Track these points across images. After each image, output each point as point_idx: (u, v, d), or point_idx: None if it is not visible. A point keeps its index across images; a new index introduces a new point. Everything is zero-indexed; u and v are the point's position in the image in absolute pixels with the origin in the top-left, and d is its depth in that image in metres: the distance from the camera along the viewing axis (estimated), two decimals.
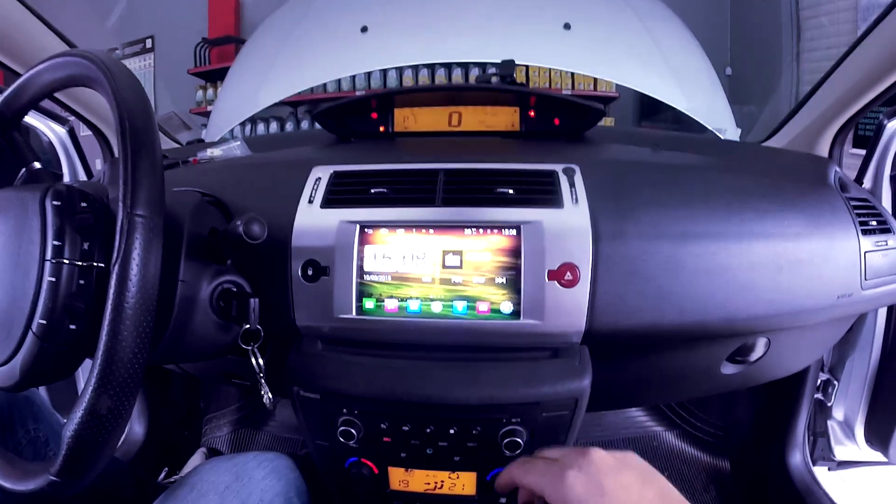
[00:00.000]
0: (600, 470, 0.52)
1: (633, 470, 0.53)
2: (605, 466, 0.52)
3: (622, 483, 0.51)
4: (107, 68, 0.55)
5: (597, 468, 0.52)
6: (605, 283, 0.70)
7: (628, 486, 0.51)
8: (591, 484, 0.51)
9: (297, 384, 0.73)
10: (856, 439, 1.19)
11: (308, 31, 1.64)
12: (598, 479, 0.51)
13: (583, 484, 0.51)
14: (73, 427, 0.49)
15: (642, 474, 0.52)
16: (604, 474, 0.51)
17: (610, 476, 0.51)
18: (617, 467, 0.52)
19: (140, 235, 0.50)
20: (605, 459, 0.53)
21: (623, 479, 0.51)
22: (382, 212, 0.74)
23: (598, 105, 0.99)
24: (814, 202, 0.80)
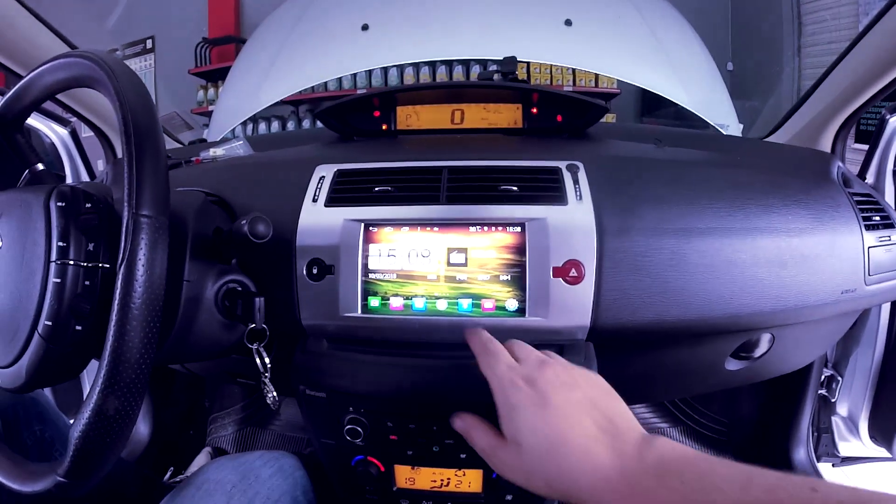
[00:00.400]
0: (550, 384, 0.53)
1: (584, 390, 0.54)
2: (557, 381, 0.54)
3: (569, 400, 0.52)
4: (109, 69, 0.55)
5: (547, 382, 0.53)
6: (610, 280, 0.70)
7: (575, 404, 0.52)
8: (537, 396, 0.52)
9: (304, 383, 0.73)
10: (860, 435, 1.19)
11: (309, 29, 1.64)
12: (545, 393, 0.52)
13: (529, 396, 0.53)
14: (80, 428, 0.49)
15: (593, 398, 0.53)
16: (552, 389, 0.53)
17: (559, 392, 0.52)
18: (569, 385, 0.54)
19: (146, 236, 0.50)
20: (560, 375, 0.54)
21: (571, 397, 0.52)
22: (387, 210, 0.74)
23: (600, 101, 0.98)
24: (817, 198, 0.80)
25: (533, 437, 0.51)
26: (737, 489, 0.40)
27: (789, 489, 0.38)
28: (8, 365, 0.57)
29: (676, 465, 0.45)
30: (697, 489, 0.42)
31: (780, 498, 0.38)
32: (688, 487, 0.42)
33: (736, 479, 0.41)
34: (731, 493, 0.40)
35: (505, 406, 0.54)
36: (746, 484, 0.40)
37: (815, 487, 0.37)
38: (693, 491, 0.42)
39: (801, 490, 0.38)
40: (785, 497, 0.38)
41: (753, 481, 0.40)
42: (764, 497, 0.38)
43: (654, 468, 0.45)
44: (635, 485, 0.45)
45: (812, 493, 0.37)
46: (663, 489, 0.43)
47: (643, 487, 0.45)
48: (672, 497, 0.43)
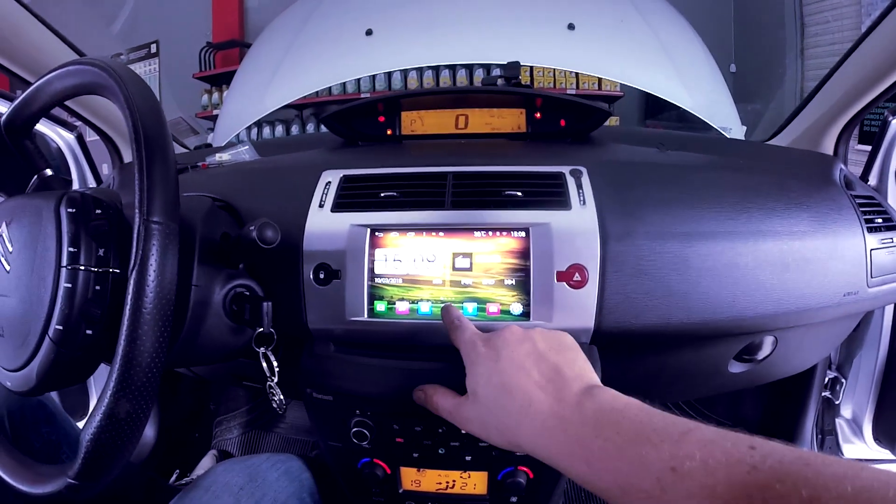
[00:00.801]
0: (505, 340, 0.57)
1: (537, 343, 0.56)
2: (511, 338, 0.57)
3: (519, 352, 0.55)
4: (118, 76, 0.56)
5: (502, 339, 0.57)
6: (614, 284, 0.71)
7: (525, 356, 0.55)
8: (492, 352, 0.56)
9: (310, 386, 0.74)
10: (864, 437, 1.18)
11: (313, 34, 1.64)
12: (499, 349, 0.56)
13: (485, 352, 0.57)
14: (91, 431, 0.49)
15: (545, 350, 0.56)
16: (506, 344, 0.56)
17: (511, 346, 0.56)
18: (522, 340, 0.57)
19: (157, 242, 0.51)
20: (515, 333, 0.58)
21: (522, 349, 0.55)
22: (392, 215, 0.74)
23: (603, 106, 0.99)
24: (819, 200, 0.80)
25: (486, 387, 0.55)
26: (671, 441, 0.40)
27: (726, 445, 0.38)
28: (18, 368, 0.58)
29: (614, 416, 0.45)
30: (631, 440, 0.42)
31: (715, 453, 0.37)
32: (622, 438, 0.43)
33: (672, 431, 0.41)
34: (664, 445, 0.40)
35: (467, 364, 0.59)
36: (681, 437, 0.40)
37: (754, 445, 0.37)
38: (627, 442, 0.42)
39: (738, 446, 0.37)
40: (719, 453, 0.37)
41: (690, 435, 0.40)
42: (698, 451, 0.38)
43: (592, 418, 0.46)
44: (572, 433, 0.47)
45: (750, 450, 0.36)
46: (599, 439, 0.44)
47: (580, 436, 0.46)
48: (606, 447, 0.43)
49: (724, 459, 0.36)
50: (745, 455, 0.36)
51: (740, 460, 0.36)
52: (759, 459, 0.35)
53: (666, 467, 0.38)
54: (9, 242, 0.62)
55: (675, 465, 0.38)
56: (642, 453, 0.40)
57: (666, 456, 0.39)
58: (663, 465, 0.39)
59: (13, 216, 0.63)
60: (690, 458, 0.38)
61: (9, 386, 0.60)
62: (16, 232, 0.62)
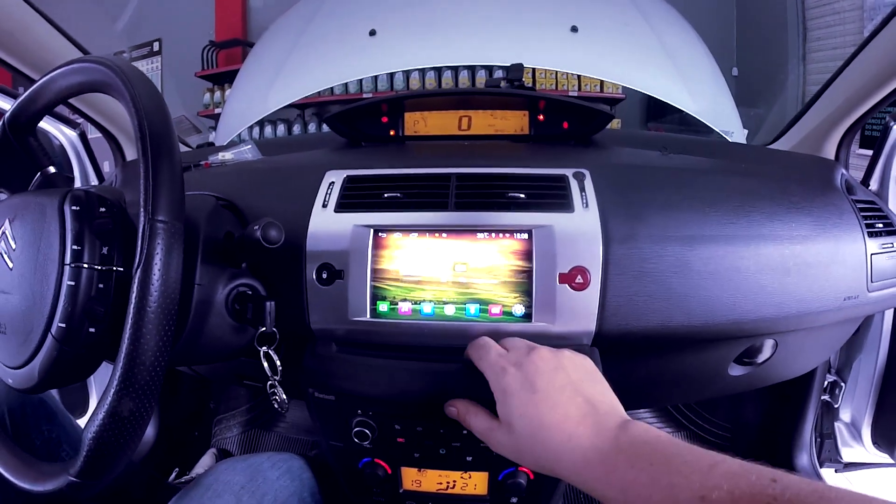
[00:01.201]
0: (538, 369, 0.58)
1: (569, 374, 0.58)
2: (543, 366, 0.58)
3: (554, 385, 0.56)
4: (124, 75, 0.56)
5: (535, 367, 0.58)
6: (615, 286, 0.71)
7: (559, 389, 0.56)
8: (526, 382, 0.57)
9: (313, 386, 0.74)
10: (863, 441, 1.19)
11: (316, 34, 1.64)
12: (533, 379, 0.57)
13: (518, 381, 0.57)
14: (94, 429, 0.49)
15: (577, 381, 0.57)
16: (539, 374, 0.57)
17: (545, 376, 0.57)
18: (554, 368, 0.58)
19: (162, 241, 0.51)
20: (546, 360, 0.59)
21: (556, 382, 0.57)
22: (396, 216, 0.74)
23: (606, 109, 0.99)
24: (820, 205, 0.80)
25: (522, 420, 0.56)
26: (699, 473, 0.43)
27: (750, 477, 0.41)
28: (21, 366, 0.58)
29: (647, 448, 0.48)
30: (663, 472, 0.45)
31: (740, 484, 0.40)
32: (655, 469, 0.46)
33: (700, 464, 0.44)
34: (694, 476, 0.43)
35: (498, 391, 0.59)
36: (710, 469, 0.43)
37: (776, 478, 0.40)
38: (660, 473, 0.45)
39: (761, 479, 0.40)
40: (744, 484, 0.40)
41: (717, 467, 0.43)
42: (724, 482, 0.41)
43: (627, 451, 0.49)
44: (610, 466, 0.49)
45: (772, 482, 0.39)
46: (634, 469, 0.47)
47: (617, 468, 0.48)
48: (640, 477, 0.46)
49: (749, 491, 0.39)
50: (766, 487, 0.39)
51: (762, 492, 0.39)
52: (780, 492, 0.38)
53: (695, 497, 0.42)
54: (12, 240, 0.62)
55: (703, 495, 0.41)
56: (673, 483, 0.44)
57: (696, 486, 0.42)
58: (692, 495, 0.42)
59: (17, 213, 0.63)
60: (718, 488, 0.41)
61: (10, 383, 0.60)
62: (19, 229, 0.62)
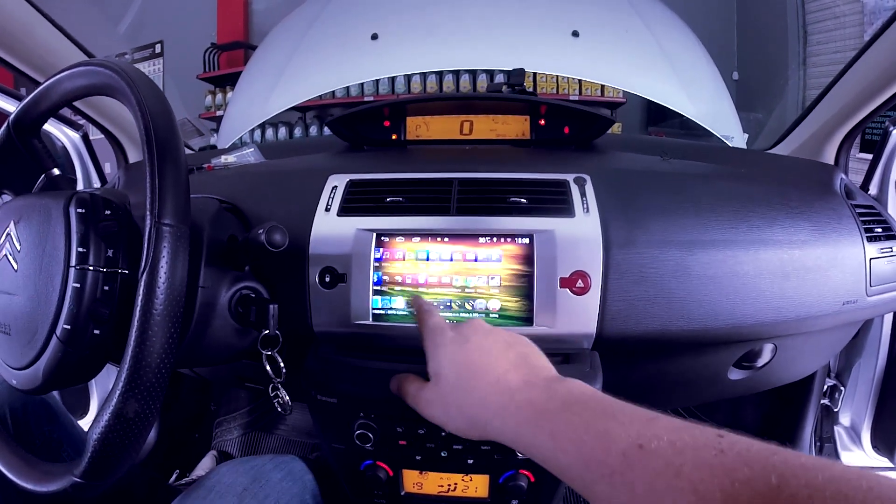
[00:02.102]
0: (473, 328, 0.58)
1: (504, 336, 0.57)
2: (479, 326, 0.58)
3: (487, 339, 0.56)
4: (130, 79, 0.56)
5: (471, 326, 0.58)
6: (616, 290, 0.72)
7: (492, 343, 0.56)
8: (459, 336, 0.57)
9: (315, 388, 0.74)
10: (862, 445, 1.19)
11: (319, 38, 1.65)
12: (466, 333, 0.57)
13: (450, 336, 0.58)
14: (99, 430, 0.50)
15: (512, 342, 0.57)
16: (474, 331, 0.57)
17: (479, 334, 0.57)
18: (487, 331, 0.58)
19: (168, 244, 0.51)
20: (483, 325, 0.59)
21: (490, 338, 0.57)
22: (398, 220, 0.75)
23: (607, 114, 0.99)
24: (820, 210, 0.81)
25: (451, 367, 0.56)
26: (639, 423, 0.40)
27: (694, 431, 0.38)
28: (25, 367, 0.58)
29: (583, 398, 0.46)
30: (599, 416, 0.43)
31: (683, 436, 0.37)
32: (590, 413, 0.43)
33: (640, 414, 0.42)
34: (633, 425, 0.40)
35: (430, 348, 0.59)
36: (650, 420, 0.40)
37: (721, 434, 0.37)
38: (594, 417, 0.43)
39: (705, 433, 0.37)
40: (687, 436, 0.37)
41: (658, 419, 0.40)
42: (665, 433, 0.38)
43: (561, 397, 0.47)
44: (539, 408, 0.47)
45: (717, 437, 0.36)
46: (566, 412, 0.45)
47: (547, 410, 0.46)
48: (573, 420, 0.44)
49: (692, 442, 0.36)
50: (712, 440, 0.36)
51: (707, 444, 0.36)
52: (727, 445, 0.35)
53: (633, 444, 0.38)
54: (17, 241, 0.62)
55: (642, 443, 0.38)
56: (609, 428, 0.41)
57: (633, 434, 0.39)
58: (630, 442, 0.39)
59: (21, 215, 0.63)
60: (658, 438, 0.38)
61: (14, 384, 0.60)
62: (24, 231, 0.62)
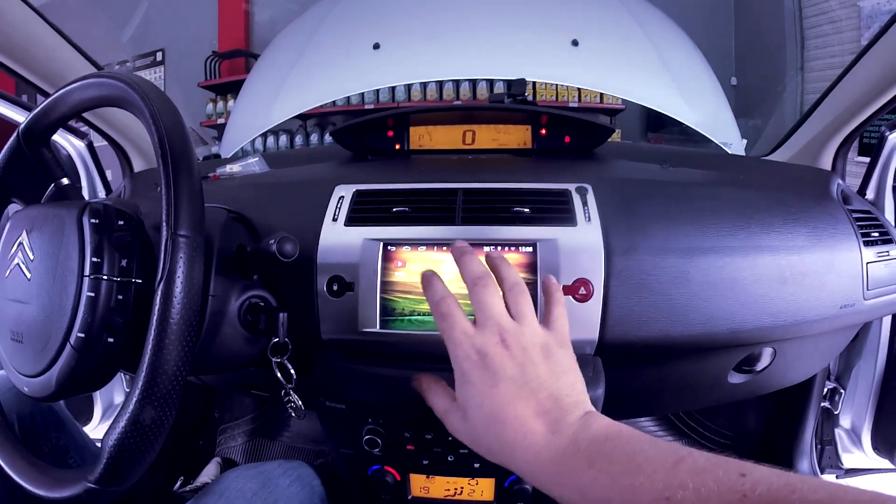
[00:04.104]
0: (503, 363, 0.54)
1: (538, 369, 0.54)
2: (509, 362, 0.54)
3: (517, 381, 0.53)
4: (143, 92, 0.57)
5: (500, 360, 0.54)
6: (617, 297, 0.73)
7: (522, 386, 0.52)
8: (487, 372, 0.54)
9: (324, 395, 0.75)
10: (863, 447, 1.19)
11: (320, 47, 1.65)
12: (496, 371, 0.53)
13: (479, 369, 0.54)
14: (115, 436, 0.50)
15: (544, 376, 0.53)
16: (503, 368, 0.53)
17: (508, 371, 0.53)
18: (521, 364, 0.54)
19: (184, 255, 0.52)
20: (514, 353, 0.54)
21: (520, 378, 0.53)
22: (404, 230, 0.76)
23: (606, 122, 1.01)
24: (817, 215, 0.82)
25: (478, 409, 0.53)
26: (663, 471, 0.40)
27: (717, 473, 0.38)
28: (38, 374, 0.58)
29: (608, 446, 0.45)
30: (624, 471, 0.42)
31: (707, 482, 0.38)
32: (615, 469, 0.43)
33: (664, 460, 0.41)
34: (657, 474, 0.40)
35: (458, 372, 0.56)
36: (674, 466, 0.40)
37: (744, 472, 0.37)
38: (620, 473, 0.42)
39: (729, 474, 0.37)
40: (711, 481, 0.37)
41: (682, 463, 0.40)
42: (690, 480, 0.38)
43: (586, 450, 0.46)
44: (565, 466, 0.47)
45: (740, 477, 0.37)
46: (591, 470, 0.44)
47: (572, 469, 0.46)
48: (599, 478, 0.43)
49: (716, 488, 0.37)
50: (735, 483, 0.37)
51: (731, 489, 0.37)
52: (750, 487, 0.36)
53: (660, 497, 0.39)
54: (30, 251, 0.63)
55: (668, 496, 0.39)
56: (635, 484, 0.41)
57: (659, 486, 0.40)
58: (657, 496, 0.39)
59: (34, 225, 0.64)
60: (683, 487, 0.38)
61: (27, 391, 0.61)
62: (37, 240, 0.62)
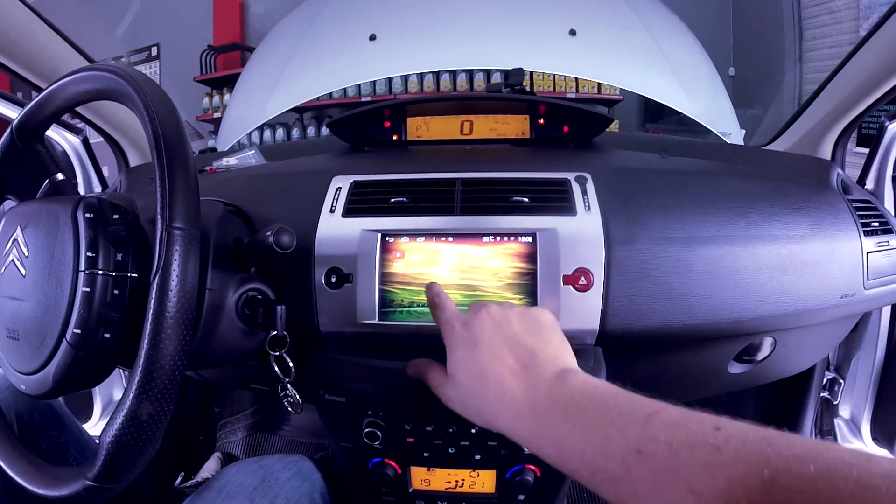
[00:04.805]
0: (483, 324, 0.57)
1: (514, 327, 0.57)
2: (489, 321, 0.58)
3: (495, 338, 0.56)
4: (137, 84, 0.56)
5: (480, 322, 0.58)
6: (618, 287, 0.72)
7: (500, 342, 0.56)
8: (470, 336, 0.57)
9: (323, 388, 0.74)
10: (862, 437, 1.19)
11: (317, 39, 1.65)
12: (476, 333, 0.57)
13: (463, 336, 0.58)
14: (113, 433, 0.50)
15: (521, 333, 0.56)
16: (483, 328, 0.57)
17: (488, 331, 0.57)
18: (499, 323, 0.57)
19: (179, 247, 0.51)
20: (493, 315, 0.58)
21: (498, 335, 0.56)
22: (402, 220, 0.75)
23: (604, 112, 1.00)
24: (817, 205, 0.82)
25: (463, 372, 0.57)
26: (636, 424, 0.41)
27: (690, 426, 0.38)
28: (34, 371, 0.58)
29: (583, 401, 0.46)
30: (597, 424, 0.43)
31: (679, 434, 0.38)
32: (589, 422, 0.44)
33: (638, 414, 0.42)
34: (630, 428, 0.41)
35: (447, 347, 0.60)
36: (647, 419, 0.41)
37: (719, 426, 0.37)
38: (593, 426, 0.43)
39: (703, 427, 0.38)
40: (683, 434, 0.38)
41: (655, 417, 0.41)
42: (662, 434, 0.39)
43: (561, 403, 0.47)
44: (543, 420, 0.48)
45: (714, 430, 0.37)
46: (567, 423, 0.45)
47: (549, 422, 0.47)
48: (574, 431, 0.45)
49: (688, 440, 0.37)
50: (708, 436, 0.37)
51: (703, 441, 0.36)
52: (723, 440, 0.36)
53: (631, 450, 0.40)
54: (24, 247, 0.62)
55: (640, 448, 0.39)
56: (608, 436, 0.42)
57: (631, 439, 0.40)
58: (629, 448, 0.40)
59: (28, 220, 0.63)
60: (655, 440, 0.39)
61: (24, 389, 0.60)
62: (31, 236, 0.62)
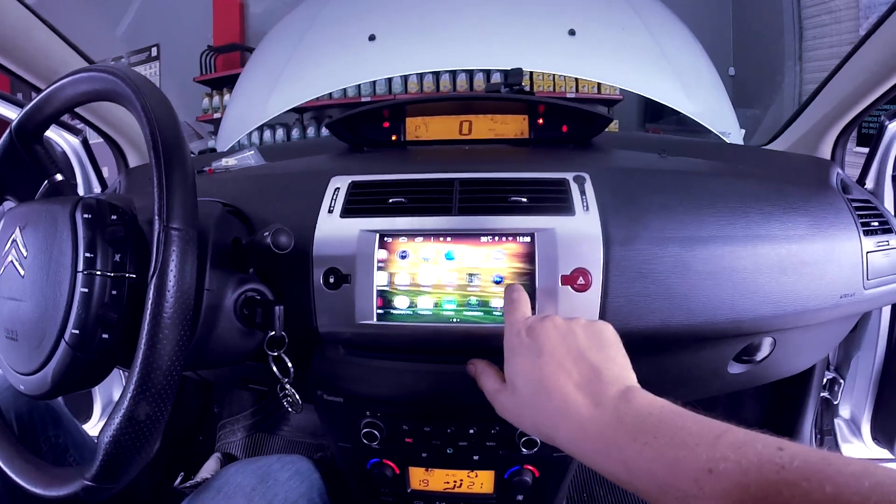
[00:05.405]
0: (548, 333, 0.57)
1: (579, 340, 0.57)
2: (554, 332, 0.57)
3: (559, 350, 0.56)
4: (135, 85, 0.56)
5: (545, 331, 0.58)
6: (616, 287, 0.72)
7: (565, 354, 0.55)
8: (534, 344, 0.57)
9: (321, 388, 0.74)
10: (862, 437, 1.19)
11: (316, 40, 1.65)
12: (541, 341, 0.57)
13: (526, 343, 0.58)
14: (111, 433, 0.50)
15: (585, 347, 0.56)
16: (547, 338, 0.57)
17: (552, 341, 0.57)
18: (562, 335, 0.57)
19: (176, 248, 0.51)
20: (558, 326, 0.58)
21: (563, 346, 0.56)
22: (401, 221, 0.75)
23: (603, 112, 1.00)
24: (817, 204, 0.81)
25: (524, 381, 0.56)
26: (705, 445, 0.42)
27: (757, 447, 0.40)
28: (33, 372, 0.58)
29: (651, 420, 0.47)
30: (668, 445, 0.44)
31: (747, 455, 0.39)
32: (659, 442, 0.44)
33: (707, 434, 0.43)
34: (700, 448, 0.42)
35: (507, 350, 0.60)
36: (716, 440, 0.42)
37: (782, 447, 0.39)
38: (664, 446, 0.44)
39: (768, 448, 0.39)
40: (752, 454, 0.39)
41: (723, 437, 0.42)
42: (731, 453, 0.40)
43: (629, 423, 0.47)
44: (609, 437, 0.48)
45: (778, 451, 0.39)
46: (637, 443, 0.46)
47: (617, 440, 0.47)
48: (644, 451, 0.45)
49: (756, 460, 0.39)
50: (774, 456, 0.38)
51: (770, 461, 0.38)
52: (788, 460, 0.38)
53: (703, 469, 0.41)
54: (23, 247, 0.62)
55: (711, 467, 0.40)
56: (679, 456, 0.43)
57: (702, 458, 0.41)
58: (700, 467, 0.41)
59: (27, 221, 0.63)
60: (725, 459, 0.40)
61: (22, 389, 0.60)
62: (30, 237, 0.62)
